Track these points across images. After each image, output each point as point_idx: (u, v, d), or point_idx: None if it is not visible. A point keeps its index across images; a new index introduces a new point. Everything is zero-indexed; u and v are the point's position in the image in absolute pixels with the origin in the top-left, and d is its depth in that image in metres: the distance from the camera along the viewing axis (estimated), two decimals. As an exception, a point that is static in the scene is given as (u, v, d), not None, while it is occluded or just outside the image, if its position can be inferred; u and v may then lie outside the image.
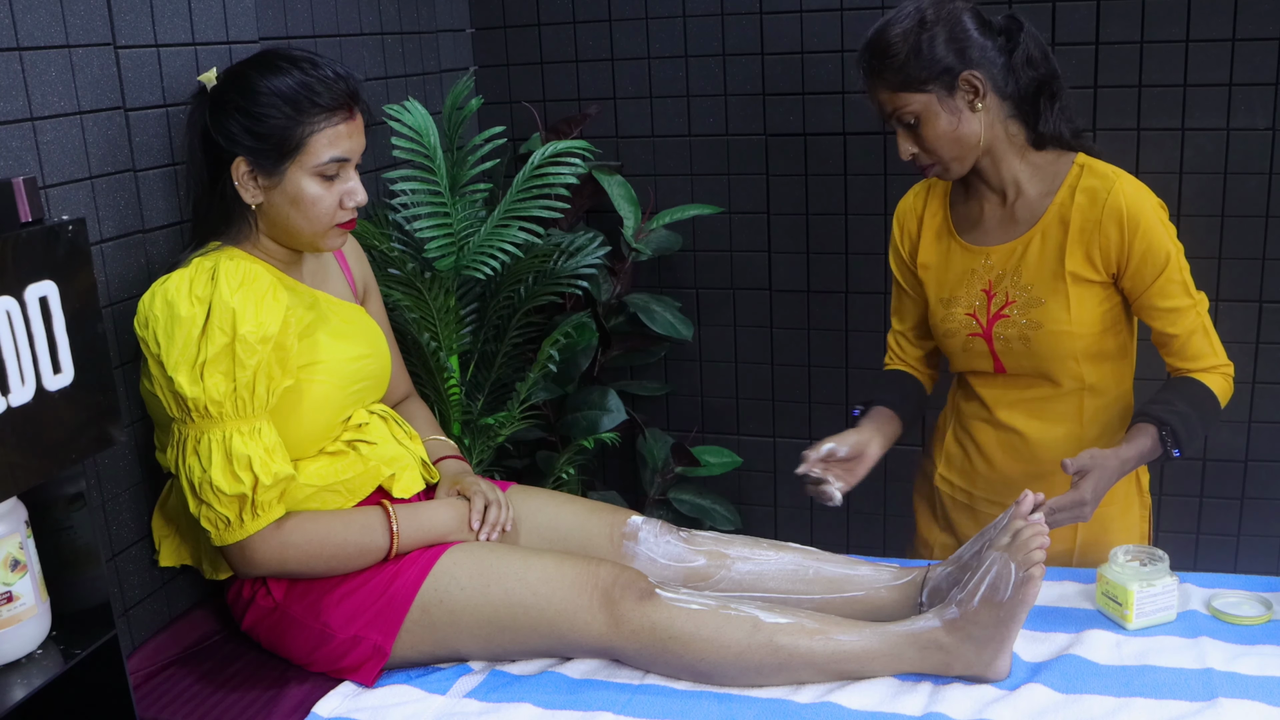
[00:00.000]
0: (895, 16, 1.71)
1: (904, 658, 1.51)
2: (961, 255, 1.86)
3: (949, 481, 1.98)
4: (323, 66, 1.57)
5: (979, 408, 1.91)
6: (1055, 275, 1.76)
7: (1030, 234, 1.78)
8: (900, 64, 1.69)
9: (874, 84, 1.73)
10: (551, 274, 2.34)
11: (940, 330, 1.89)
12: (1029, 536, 1.48)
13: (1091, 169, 1.76)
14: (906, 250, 1.95)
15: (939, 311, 1.89)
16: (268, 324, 1.48)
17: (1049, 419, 1.84)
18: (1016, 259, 1.80)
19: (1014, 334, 1.80)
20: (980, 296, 1.83)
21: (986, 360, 1.85)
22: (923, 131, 1.72)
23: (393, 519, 1.61)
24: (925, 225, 1.92)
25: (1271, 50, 2.24)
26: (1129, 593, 1.57)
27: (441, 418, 2.23)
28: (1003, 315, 1.81)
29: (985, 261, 1.83)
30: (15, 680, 1.21)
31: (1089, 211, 1.74)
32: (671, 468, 2.62)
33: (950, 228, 1.88)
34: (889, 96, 1.72)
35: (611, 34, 2.62)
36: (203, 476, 1.47)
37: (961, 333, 1.85)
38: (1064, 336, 1.77)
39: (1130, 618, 1.58)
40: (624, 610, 1.54)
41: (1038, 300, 1.78)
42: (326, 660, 1.59)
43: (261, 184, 1.57)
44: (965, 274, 1.85)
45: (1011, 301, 1.80)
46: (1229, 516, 2.52)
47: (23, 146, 1.46)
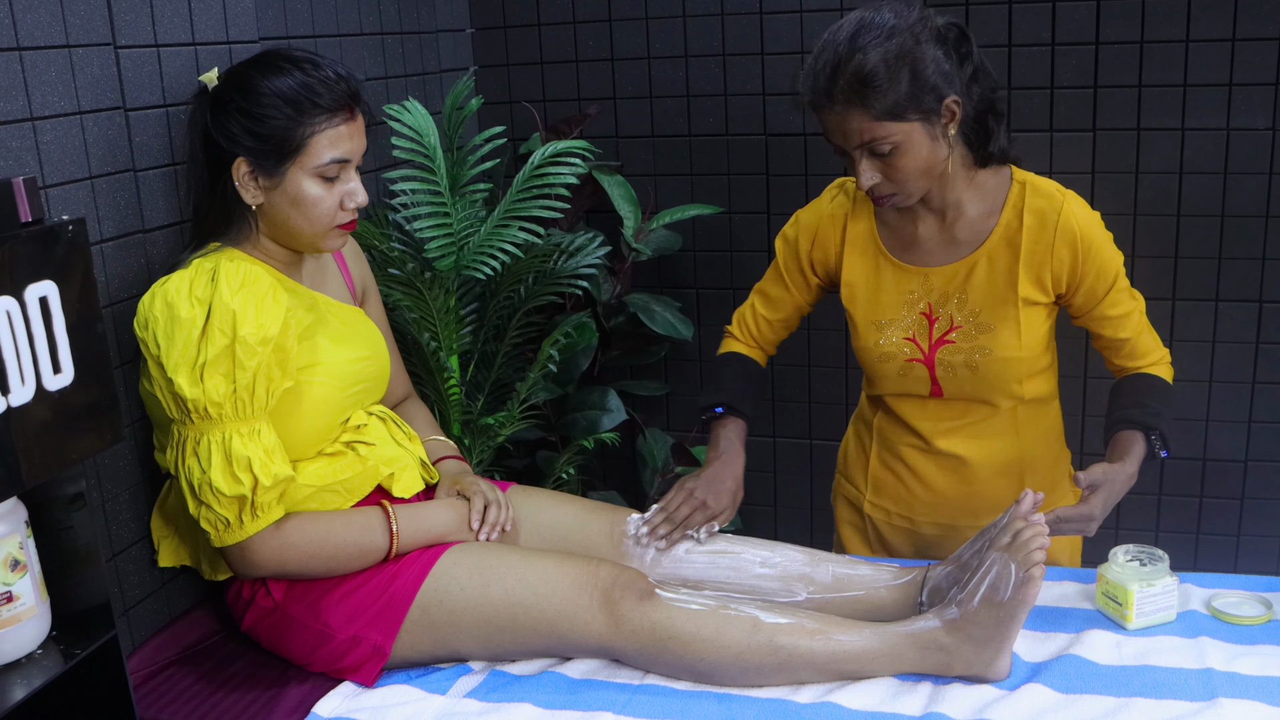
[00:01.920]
0: (862, 35, 1.57)
1: (904, 658, 1.51)
2: (895, 275, 1.76)
3: (883, 509, 1.91)
4: (324, 67, 1.57)
5: (911, 437, 1.84)
6: (1005, 300, 1.70)
7: (975, 256, 1.71)
8: (884, 91, 1.55)
9: (847, 113, 1.58)
10: (551, 274, 2.34)
11: (873, 354, 1.79)
12: (1029, 537, 1.48)
13: (1034, 187, 1.70)
14: (812, 256, 1.84)
15: (870, 334, 1.78)
16: (268, 326, 1.48)
17: (986, 437, 1.80)
18: (960, 282, 1.72)
19: (960, 360, 1.73)
20: (919, 320, 1.75)
21: (924, 385, 1.78)
22: (898, 162, 1.60)
23: (392, 519, 1.61)
24: (849, 240, 1.80)
25: (1271, 50, 2.24)
26: (1129, 593, 1.57)
27: (441, 418, 2.23)
28: (947, 341, 1.73)
29: (924, 283, 1.74)
30: (15, 680, 1.21)
31: (1039, 235, 1.68)
32: (671, 468, 2.62)
33: (879, 245, 1.77)
34: (867, 126, 1.57)
35: (611, 34, 2.62)
36: (202, 478, 1.47)
37: (899, 358, 1.76)
38: (1012, 362, 1.72)
39: (1130, 618, 1.58)
40: (624, 610, 1.54)
41: (987, 326, 1.71)
42: (326, 660, 1.59)
43: (262, 184, 1.57)
44: (901, 296, 1.76)
45: (957, 327, 1.73)
46: (1229, 516, 2.52)
47: (23, 146, 1.46)
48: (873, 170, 1.62)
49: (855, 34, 1.58)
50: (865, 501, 1.93)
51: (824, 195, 1.86)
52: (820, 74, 1.59)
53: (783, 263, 1.88)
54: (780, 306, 1.92)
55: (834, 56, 1.58)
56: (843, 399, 2.68)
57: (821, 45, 1.62)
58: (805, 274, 1.86)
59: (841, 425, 2.70)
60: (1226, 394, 2.45)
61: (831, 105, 1.59)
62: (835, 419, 2.69)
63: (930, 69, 1.57)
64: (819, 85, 1.60)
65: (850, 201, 1.81)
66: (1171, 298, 2.42)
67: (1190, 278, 2.40)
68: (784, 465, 2.78)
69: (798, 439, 2.75)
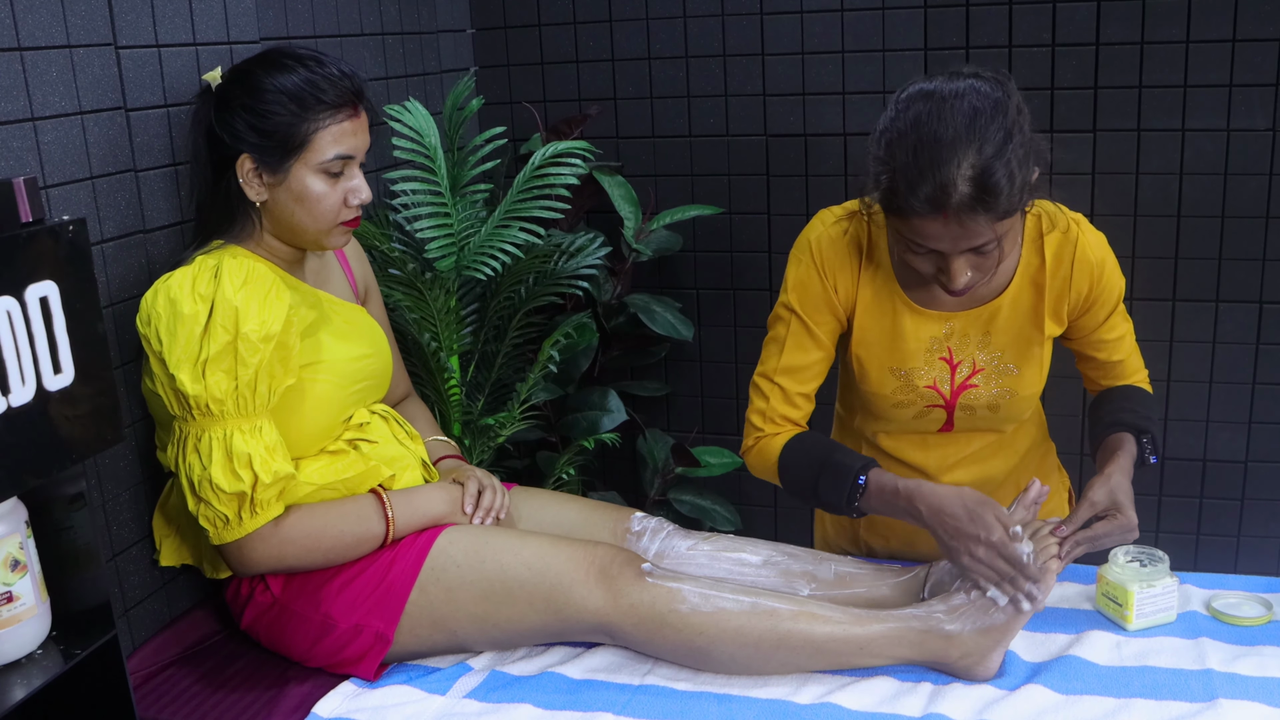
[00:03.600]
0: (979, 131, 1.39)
1: (903, 640, 1.50)
2: (914, 321, 1.65)
3: (881, 536, 1.86)
4: (328, 64, 1.57)
5: (911, 473, 1.74)
6: (1030, 341, 1.65)
7: (999, 301, 1.64)
8: (1007, 193, 1.40)
9: (961, 220, 1.40)
10: (552, 274, 2.34)
11: (887, 402, 1.69)
12: (1047, 533, 1.50)
13: (1049, 218, 1.62)
14: (836, 287, 1.65)
15: (886, 383, 1.67)
16: (270, 322, 1.48)
17: (988, 459, 1.77)
18: (984, 325, 1.64)
19: (982, 403, 1.67)
20: (941, 366, 1.66)
21: (936, 425, 1.71)
22: (997, 255, 1.47)
23: (387, 505, 1.61)
24: (864, 280, 1.65)
25: (1272, 51, 2.24)
26: (1129, 594, 1.57)
27: (442, 418, 2.23)
28: (970, 385, 1.66)
29: (946, 328, 1.65)
30: (15, 680, 1.21)
31: (1057, 270, 1.62)
32: (672, 468, 2.62)
33: (897, 290, 1.65)
34: (983, 229, 1.41)
35: (612, 34, 2.62)
36: (202, 474, 1.48)
37: (918, 404, 1.68)
38: (1031, 399, 1.69)
39: (1130, 619, 1.58)
40: (622, 584, 1.54)
41: (1011, 369, 1.66)
42: (327, 653, 1.59)
43: (266, 181, 1.58)
44: (921, 342, 1.65)
45: (979, 370, 1.66)
46: (1229, 517, 2.52)
47: (23, 146, 1.46)
48: (967, 267, 1.47)
49: (975, 114, 1.40)
50: (860, 533, 1.88)
51: (828, 225, 1.67)
52: (936, 174, 1.39)
53: (805, 310, 1.66)
54: (812, 371, 1.69)
55: (955, 150, 1.39)
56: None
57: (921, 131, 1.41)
58: (833, 305, 1.66)
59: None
60: (1226, 395, 2.45)
61: (946, 211, 1.40)
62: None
63: (1032, 159, 1.45)
64: (935, 189, 1.39)
65: (864, 237, 1.65)
66: (1171, 298, 2.42)
67: (1190, 279, 2.40)
68: (784, 466, 2.77)
69: (798, 439, 2.75)
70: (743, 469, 2.71)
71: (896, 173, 1.42)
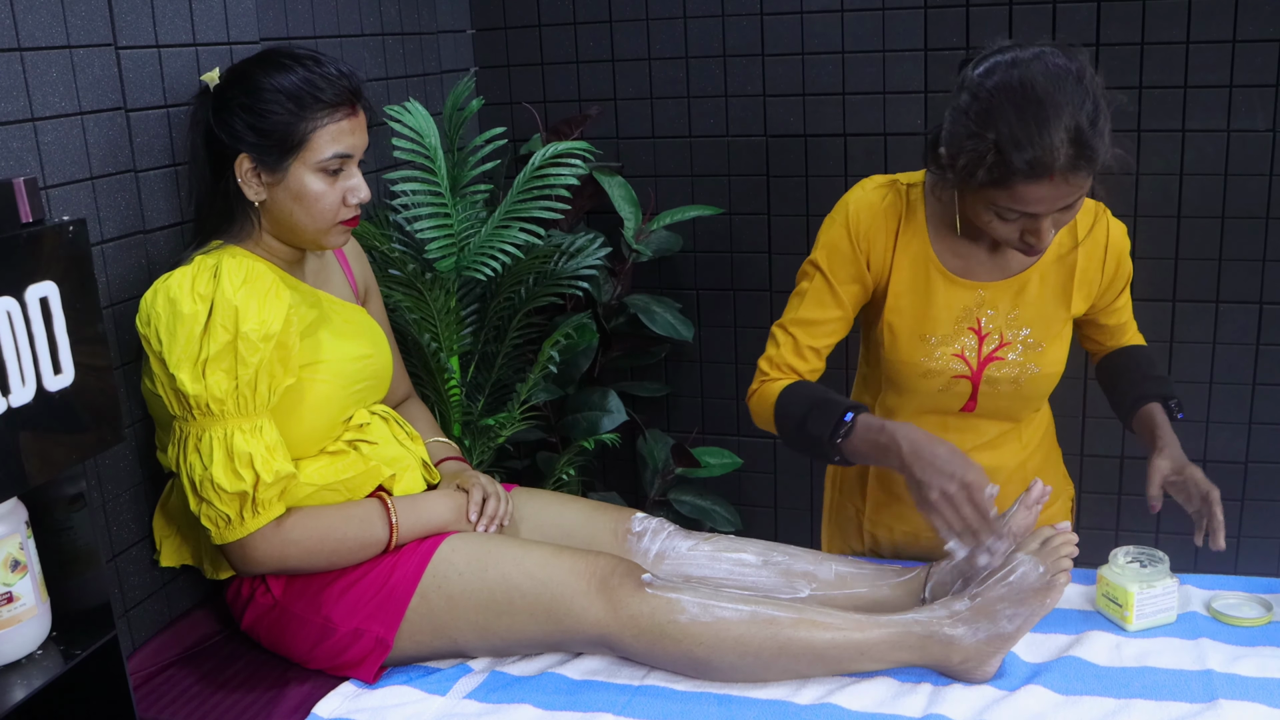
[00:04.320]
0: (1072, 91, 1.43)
1: (904, 644, 1.50)
2: (947, 289, 1.68)
3: (886, 526, 1.87)
4: (326, 64, 1.58)
5: None
6: (1057, 319, 1.70)
7: (1027, 275, 1.68)
8: (1103, 149, 1.45)
9: (1068, 179, 1.44)
10: (552, 275, 2.34)
11: (915, 370, 1.70)
12: (1059, 544, 1.49)
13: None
14: (870, 252, 1.69)
15: (915, 349, 1.69)
16: (270, 322, 1.48)
17: (1001, 448, 1.78)
18: (1012, 297, 1.68)
19: (1006, 377, 1.69)
20: (970, 336, 1.69)
21: (960, 401, 1.72)
22: (1073, 210, 1.51)
23: (392, 511, 1.61)
24: (901, 246, 1.69)
25: (1272, 52, 2.24)
26: (1129, 594, 1.57)
27: (442, 419, 2.23)
28: (996, 358, 1.69)
29: (976, 298, 1.68)
30: (15, 681, 1.21)
31: (1092, 254, 1.69)
32: (672, 469, 2.62)
33: (932, 257, 1.68)
34: (1079, 185, 1.46)
35: (612, 35, 2.62)
36: (204, 474, 1.48)
37: (945, 374, 1.70)
38: (1053, 377, 1.72)
39: (1130, 619, 1.58)
40: (622, 595, 1.54)
41: (1037, 344, 1.69)
42: (327, 655, 1.59)
43: (265, 181, 1.58)
44: (952, 311, 1.68)
45: (1006, 343, 1.69)
46: (1229, 518, 2.50)
47: (24, 147, 1.46)
48: (1052, 226, 1.51)
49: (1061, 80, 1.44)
50: (865, 519, 1.89)
51: (868, 191, 1.70)
52: (1044, 138, 1.42)
53: (831, 269, 1.69)
54: (827, 328, 1.71)
55: (1057, 113, 1.42)
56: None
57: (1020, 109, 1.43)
58: (860, 272, 1.69)
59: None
60: (1227, 395, 2.45)
61: (1053, 174, 1.43)
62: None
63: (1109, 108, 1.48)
64: (1041, 154, 1.42)
65: (903, 205, 1.68)
66: (1172, 299, 2.42)
67: (1190, 279, 2.40)
68: (784, 465, 2.78)
69: (798, 440, 2.75)
70: (743, 469, 2.72)
71: (1000, 143, 1.43)
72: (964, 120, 1.48)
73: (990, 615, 1.48)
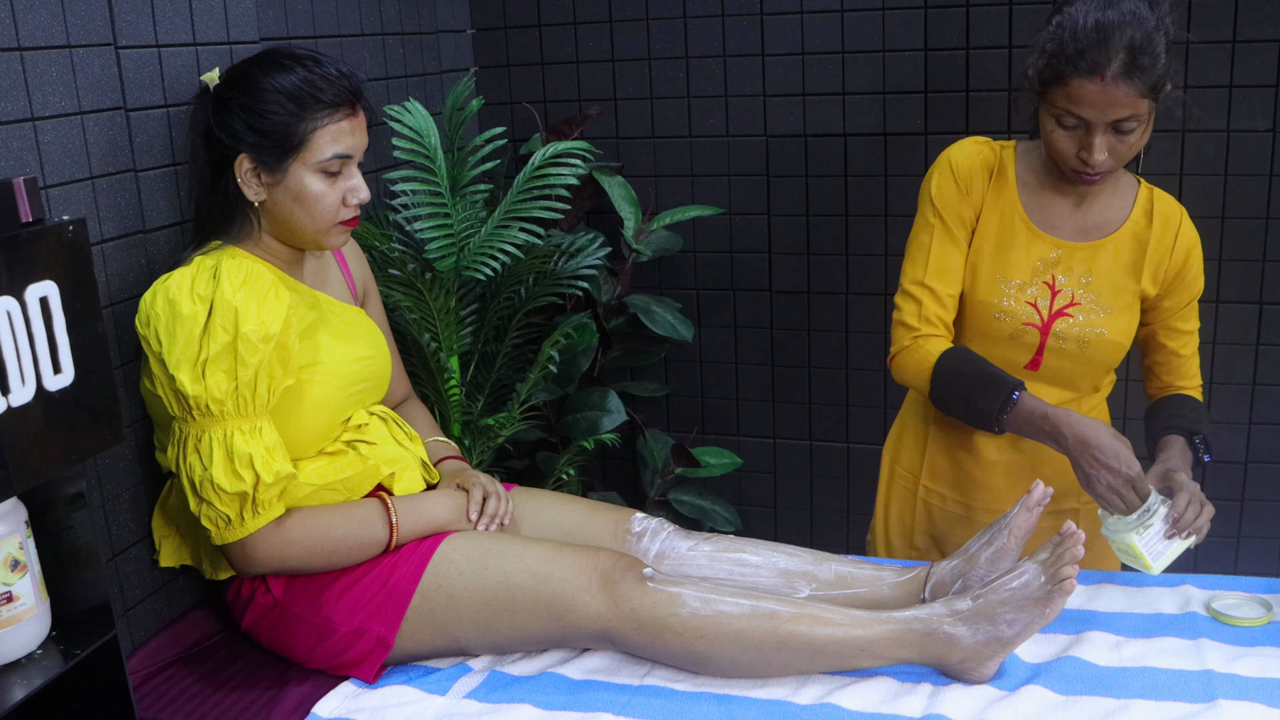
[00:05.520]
0: (1142, 12, 1.60)
1: (904, 642, 1.50)
2: (1028, 239, 1.79)
3: (938, 494, 1.93)
4: (326, 64, 1.58)
5: None
6: (1125, 290, 1.78)
7: (1104, 242, 1.78)
8: (1154, 70, 1.59)
9: (1117, 85, 1.59)
10: (552, 275, 2.34)
11: (992, 310, 1.78)
12: (1065, 552, 1.49)
13: (1159, 195, 1.79)
14: (970, 198, 1.80)
15: (993, 289, 1.79)
16: (270, 323, 1.48)
17: None
18: (1088, 260, 1.78)
19: (1074, 334, 1.77)
20: (1043, 289, 1.78)
21: (1028, 354, 1.79)
22: (1130, 140, 1.64)
23: (392, 511, 1.61)
24: (991, 196, 1.81)
25: (1272, 52, 2.24)
26: (1133, 545, 1.60)
27: (442, 418, 2.23)
28: (1065, 314, 1.77)
29: (1054, 253, 1.78)
30: (15, 680, 1.21)
31: (1163, 237, 1.77)
32: (671, 469, 2.62)
33: (1018, 207, 1.79)
34: (1130, 101, 1.60)
35: (612, 35, 2.62)
36: (204, 474, 1.48)
37: (1017, 319, 1.78)
38: (1117, 347, 1.79)
39: (1151, 566, 1.61)
40: (623, 590, 1.54)
41: (1106, 309, 1.77)
42: (328, 655, 1.59)
43: (265, 181, 1.58)
44: (1030, 260, 1.78)
45: (1077, 303, 1.77)
46: (1229, 518, 2.52)
47: (23, 146, 1.46)
48: (1105, 147, 1.64)
49: (1135, 12, 1.60)
50: (920, 486, 1.95)
51: (967, 146, 1.83)
52: (1103, 41, 1.58)
53: (948, 215, 1.80)
54: (957, 275, 1.81)
55: (1119, 28, 1.58)
56: (842, 400, 2.68)
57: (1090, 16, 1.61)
58: (970, 215, 1.81)
59: (841, 427, 2.70)
60: (1227, 395, 2.45)
61: (1105, 74, 1.58)
62: (835, 420, 2.69)
63: (1173, 57, 1.62)
64: (1098, 54, 1.58)
65: (997, 159, 1.81)
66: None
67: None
68: (784, 466, 2.78)
69: (798, 440, 2.75)
70: (742, 469, 2.72)
71: (1064, 40, 1.61)
72: (1044, 27, 1.66)
73: (991, 618, 1.48)
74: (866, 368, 2.64)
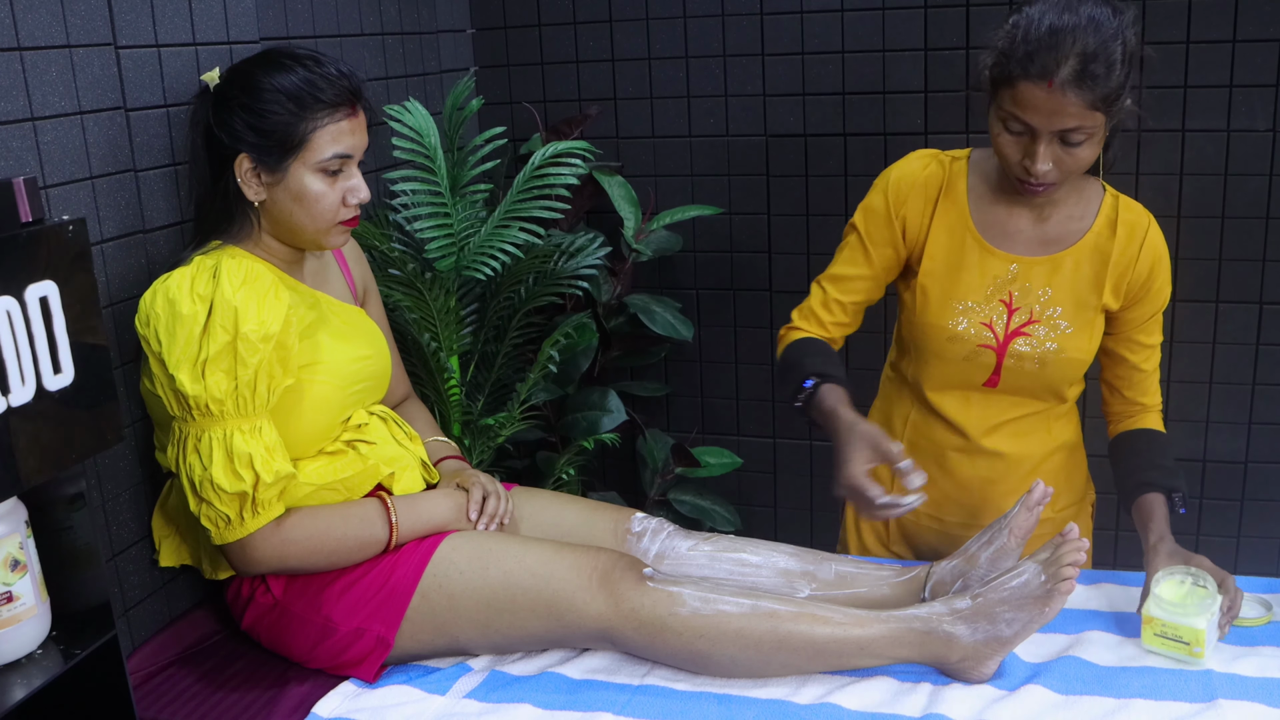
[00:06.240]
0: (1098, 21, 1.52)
1: (904, 641, 1.50)
2: (982, 258, 1.73)
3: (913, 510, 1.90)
4: (326, 64, 1.58)
5: (953, 436, 1.80)
6: (1087, 305, 1.71)
7: (1063, 255, 1.71)
8: (1105, 81, 1.51)
9: (1065, 94, 1.51)
10: (552, 274, 2.34)
11: (941, 335, 1.74)
12: (1067, 553, 1.49)
13: (1125, 203, 1.73)
14: (906, 217, 1.75)
15: (944, 313, 1.74)
16: (270, 322, 1.48)
17: (1026, 435, 1.79)
18: (1046, 275, 1.71)
19: (1032, 354, 1.72)
20: (999, 308, 1.72)
21: (984, 374, 1.75)
22: (1078, 154, 1.57)
23: (391, 511, 1.61)
24: (939, 213, 1.74)
25: (1272, 51, 2.24)
26: (1199, 632, 1.47)
27: (441, 418, 2.23)
28: (1023, 333, 1.71)
29: (1010, 270, 1.72)
30: (15, 680, 1.21)
31: (1127, 247, 1.71)
32: (671, 468, 2.62)
33: (970, 225, 1.73)
34: (1077, 112, 1.52)
35: (612, 35, 2.62)
36: (203, 474, 1.48)
37: (971, 342, 1.73)
38: (1078, 364, 1.74)
39: (1204, 656, 1.48)
40: (623, 590, 1.54)
41: (1066, 325, 1.71)
42: (328, 655, 1.59)
43: (265, 181, 1.58)
44: (985, 279, 1.72)
45: (1036, 321, 1.71)
46: (1229, 518, 2.52)
47: (23, 146, 1.46)
48: (1050, 157, 1.57)
49: (1094, 19, 1.53)
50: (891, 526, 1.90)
51: (911, 162, 1.78)
52: (1053, 47, 1.51)
53: (866, 231, 1.77)
54: (856, 285, 1.80)
55: (1072, 33, 1.51)
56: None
57: (1046, 18, 1.54)
58: (894, 237, 1.76)
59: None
60: (1226, 395, 2.45)
61: (1053, 79, 1.51)
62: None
63: (1131, 70, 1.55)
64: (1047, 58, 1.51)
65: (944, 174, 1.75)
66: (1172, 298, 2.42)
67: (1190, 279, 2.40)
68: (784, 466, 2.78)
69: (797, 439, 2.75)
70: (742, 469, 2.72)
71: (1016, 41, 1.55)
72: (1000, 26, 1.60)
73: (990, 617, 1.48)
74: (866, 367, 2.63)
